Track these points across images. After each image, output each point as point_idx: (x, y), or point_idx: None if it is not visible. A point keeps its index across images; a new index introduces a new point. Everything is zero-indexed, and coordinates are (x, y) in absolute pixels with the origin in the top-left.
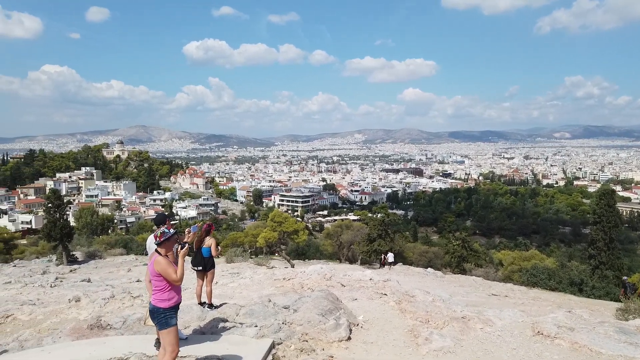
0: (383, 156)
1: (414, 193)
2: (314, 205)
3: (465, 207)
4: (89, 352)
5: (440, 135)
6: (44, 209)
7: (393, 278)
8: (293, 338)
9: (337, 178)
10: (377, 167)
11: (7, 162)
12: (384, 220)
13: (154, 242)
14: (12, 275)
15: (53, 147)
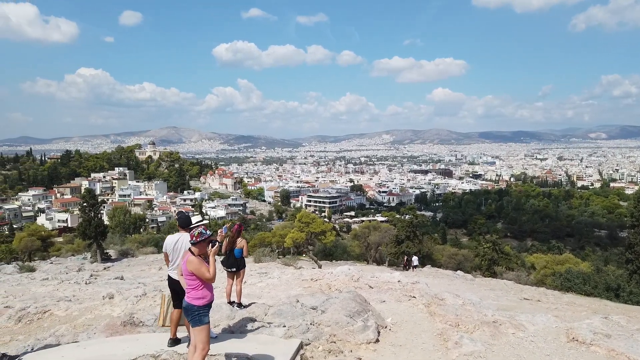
0: (411, 157)
1: (443, 194)
2: (342, 206)
3: (496, 209)
4: (123, 349)
5: (470, 136)
6: (79, 208)
7: (422, 280)
8: (321, 339)
9: (364, 179)
10: (405, 168)
11: (45, 163)
12: (412, 222)
13: (190, 241)
14: (49, 272)
15: (88, 148)
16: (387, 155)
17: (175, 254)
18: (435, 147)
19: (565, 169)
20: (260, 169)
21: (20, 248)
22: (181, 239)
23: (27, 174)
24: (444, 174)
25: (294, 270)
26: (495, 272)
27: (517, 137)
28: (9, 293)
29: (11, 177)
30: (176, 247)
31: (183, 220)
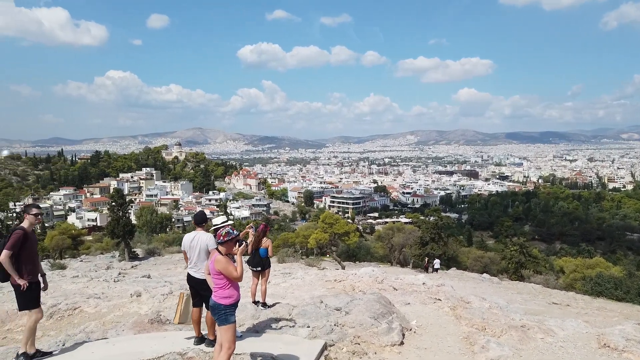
0: (436, 158)
1: (468, 196)
2: (365, 207)
3: (523, 211)
4: (150, 346)
5: (496, 137)
6: (108, 208)
7: (447, 283)
8: (345, 340)
9: (388, 180)
10: (429, 169)
11: (76, 163)
12: (437, 224)
13: (217, 240)
14: (79, 270)
15: (116, 149)
16: (411, 156)
17: (192, 251)
18: (460, 148)
19: (596, 171)
20: (284, 169)
21: (52, 246)
22: (197, 237)
23: (58, 174)
24: (469, 175)
25: (318, 270)
26: (523, 276)
27: (545, 137)
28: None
29: (43, 177)
30: (192, 245)
31: (198, 217)
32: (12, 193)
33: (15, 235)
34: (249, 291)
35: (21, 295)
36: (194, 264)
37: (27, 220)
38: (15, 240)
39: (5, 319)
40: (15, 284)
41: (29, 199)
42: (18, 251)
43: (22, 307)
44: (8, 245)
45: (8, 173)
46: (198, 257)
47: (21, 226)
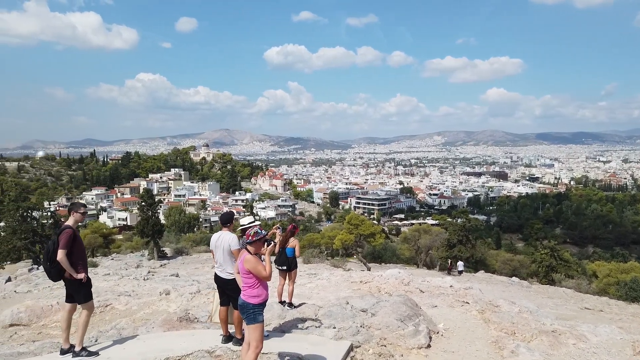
0: (464, 159)
1: (497, 197)
2: (391, 208)
3: (554, 213)
4: (179, 344)
5: (526, 137)
6: (138, 207)
7: (475, 286)
8: (371, 342)
9: (414, 181)
10: (457, 170)
11: (107, 164)
12: (464, 226)
13: (246, 240)
14: (110, 268)
15: (146, 150)
16: (438, 157)
17: (217, 251)
18: (489, 149)
19: (631, 172)
20: (310, 170)
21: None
22: (221, 237)
23: (90, 175)
24: (498, 176)
25: (343, 272)
26: (554, 280)
27: (577, 138)
28: None
29: (76, 177)
30: (217, 244)
31: (224, 217)
32: (46, 193)
33: (66, 234)
34: (275, 291)
35: (81, 290)
36: (220, 263)
37: (74, 218)
38: (67, 239)
39: (40, 315)
40: (73, 279)
41: (62, 199)
42: (70, 249)
43: (85, 300)
44: (62, 245)
45: (43, 173)
46: (223, 257)
47: (68, 224)
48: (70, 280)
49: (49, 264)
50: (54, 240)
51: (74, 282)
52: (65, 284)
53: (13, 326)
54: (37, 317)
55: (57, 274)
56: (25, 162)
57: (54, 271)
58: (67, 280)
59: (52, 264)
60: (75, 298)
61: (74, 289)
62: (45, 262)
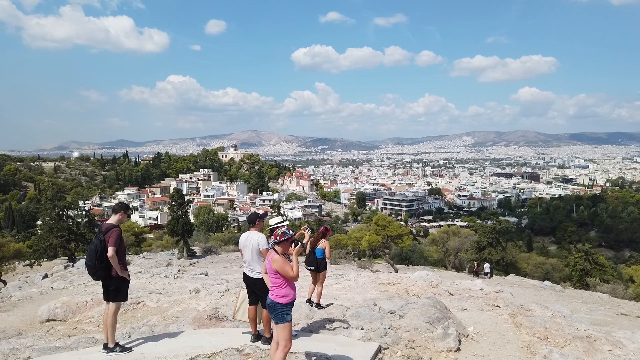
0: (494, 160)
1: (528, 199)
2: (419, 209)
3: (588, 216)
4: (209, 341)
5: (559, 137)
6: (168, 207)
7: (506, 289)
8: (399, 344)
9: (443, 182)
10: (487, 171)
11: (139, 164)
12: (495, 228)
13: (274, 240)
14: (142, 266)
15: (176, 151)
16: (467, 158)
17: (245, 250)
18: (520, 150)
19: None
20: (337, 171)
21: None
22: (249, 237)
23: (123, 175)
24: (530, 177)
25: (370, 273)
26: (588, 284)
27: (613, 138)
28: None
29: (109, 177)
30: (245, 244)
31: (250, 217)
32: (81, 192)
33: (116, 232)
34: (306, 289)
35: (121, 288)
36: (248, 263)
37: (118, 217)
38: (117, 237)
39: (75, 311)
40: (117, 277)
41: (96, 198)
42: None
43: (122, 299)
44: (112, 242)
45: (78, 173)
46: (251, 256)
47: (113, 223)
48: (114, 278)
49: (97, 262)
50: (100, 239)
51: (116, 280)
52: (107, 281)
53: (50, 321)
54: (72, 312)
55: (103, 272)
56: (61, 162)
57: (101, 269)
58: (112, 278)
59: (100, 262)
60: (111, 295)
61: (116, 286)
62: (92, 260)
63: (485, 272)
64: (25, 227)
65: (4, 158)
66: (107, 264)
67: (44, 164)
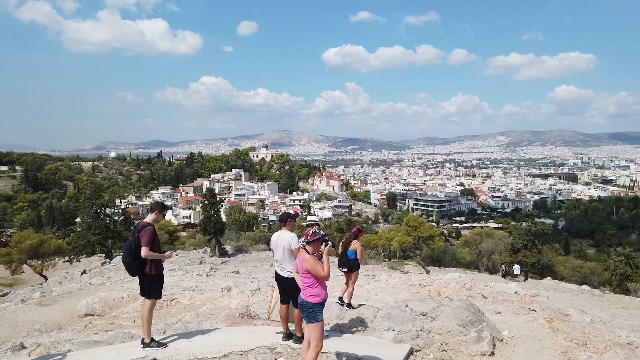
0: (529, 160)
1: (565, 201)
2: (450, 210)
3: (629, 218)
4: (242, 339)
5: (599, 137)
6: (201, 206)
7: (542, 293)
8: (432, 346)
9: (476, 183)
10: (522, 172)
11: (172, 164)
12: (530, 230)
13: (304, 240)
14: (175, 264)
15: (209, 151)
16: (501, 158)
17: (277, 249)
18: (557, 150)
19: None
20: (367, 171)
21: None
22: (281, 236)
23: (157, 174)
24: (567, 178)
25: (401, 274)
26: (629, 289)
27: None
28: None
29: (144, 176)
30: (277, 243)
31: (282, 217)
32: (118, 191)
33: (149, 231)
34: (337, 289)
35: (155, 285)
36: (279, 262)
37: (155, 216)
38: (150, 236)
39: (112, 306)
40: (151, 274)
41: (132, 197)
42: (150, 245)
43: (156, 296)
44: (145, 242)
45: (115, 173)
46: (282, 255)
47: (148, 222)
48: (149, 275)
49: (131, 259)
50: (135, 237)
51: (151, 277)
52: (142, 278)
53: (88, 316)
54: (109, 308)
55: (137, 269)
56: (99, 162)
57: (135, 266)
58: (146, 275)
59: (134, 260)
60: (145, 292)
61: (149, 283)
62: (126, 257)
63: (515, 273)
64: (65, 225)
65: (45, 158)
66: (141, 261)
67: (82, 164)
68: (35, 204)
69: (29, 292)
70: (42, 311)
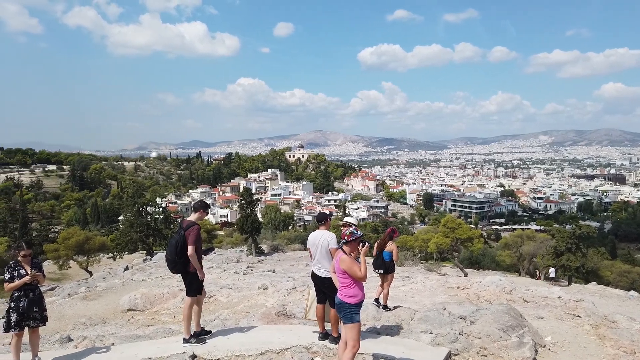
0: (573, 160)
1: (612, 203)
2: (490, 212)
3: None
4: (278, 337)
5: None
6: (238, 205)
7: (587, 298)
8: (470, 351)
9: (516, 184)
10: (565, 173)
11: (211, 164)
12: (574, 232)
13: (342, 240)
14: (213, 262)
15: (245, 151)
16: (544, 158)
17: (315, 249)
18: (603, 150)
19: None
20: (403, 171)
21: None
22: (320, 235)
23: (196, 174)
24: (614, 179)
25: (438, 276)
26: None
27: None
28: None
29: (184, 176)
30: (316, 243)
31: (319, 216)
32: (158, 190)
33: (196, 230)
34: (373, 291)
35: (193, 283)
36: (317, 261)
37: (198, 215)
38: (197, 236)
39: (153, 302)
40: (192, 272)
41: (172, 196)
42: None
43: (195, 293)
44: (192, 241)
45: (156, 172)
46: (320, 254)
47: (193, 221)
48: (189, 273)
49: (176, 256)
50: (181, 235)
51: (191, 276)
52: (184, 275)
53: (130, 311)
54: (150, 303)
55: (181, 267)
56: (141, 162)
57: (180, 263)
58: (187, 272)
59: (179, 257)
60: (186, 288)
61: (190, 280)
62: (172, 254)
63: (550, 276)
64: (109, 222)
65: (90, 158)
66: (186, 259)
67: (125, 164)
68: (81, 202)
69: (75, 287)
70: (87, 305)
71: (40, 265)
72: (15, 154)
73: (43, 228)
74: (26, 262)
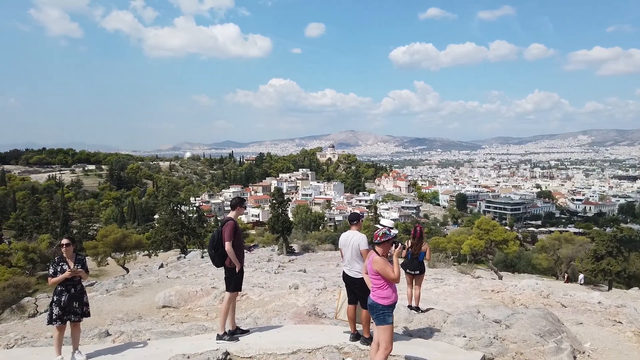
0: (615, 161)
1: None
2: (526, 213)
3: None
4: (310, 337)
5: None
6: (269, 205)
7: (629, 304)
8: (506, 355)
9: (554, 185)
10: (606, 174)
11: (243, 164)
12: (615, 236)
13: (375, 241)
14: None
15: (277, 151)
16: (583, 159)
17: (346, 249)
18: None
19: None
20: (435, 172)
21: None
22: (351, 236)
23: (229, 174)
24: None
25: (472, 279)
26: None
27: None
28: (215, 276)
29: (217, 176)
30: (346, 243)
31: (351, 217)
32: (192, 190)
33: (230, 225)
34: (403, 292)
35: (233, 279)
36: (348, 262)
37: (237, 212)
38: (231, 231)
39: (187, 299)
40: (229, 267)
41: (205, 195)
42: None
43: (234, 289)
44: (227, 236)
45: (190, 172)
46: (351, 255)
47: (230, 217)
48: (227, 268)
49: (213, 251)
50: (219, 230)
51: (228, 271)
52: (225, 271)
53: (165, 307)
54: (184, 300)
55: (220, 261)
56: (176, 161)
57: (218, 258)
58: (226, 267)
59: (216, 251)
60: (225, 284)
61: (228, 276)
62: (210, 248)
63: (580, 283)
64: (145, 221)
65: (128, 158)
66: (222, 253)
67: (161, 163)
68: (118, 200)
69: (113, 283)
70: (124, 301)
71: (84, 261)
72: (57, 154)
73: (83, 226)
74: (69, 257)
